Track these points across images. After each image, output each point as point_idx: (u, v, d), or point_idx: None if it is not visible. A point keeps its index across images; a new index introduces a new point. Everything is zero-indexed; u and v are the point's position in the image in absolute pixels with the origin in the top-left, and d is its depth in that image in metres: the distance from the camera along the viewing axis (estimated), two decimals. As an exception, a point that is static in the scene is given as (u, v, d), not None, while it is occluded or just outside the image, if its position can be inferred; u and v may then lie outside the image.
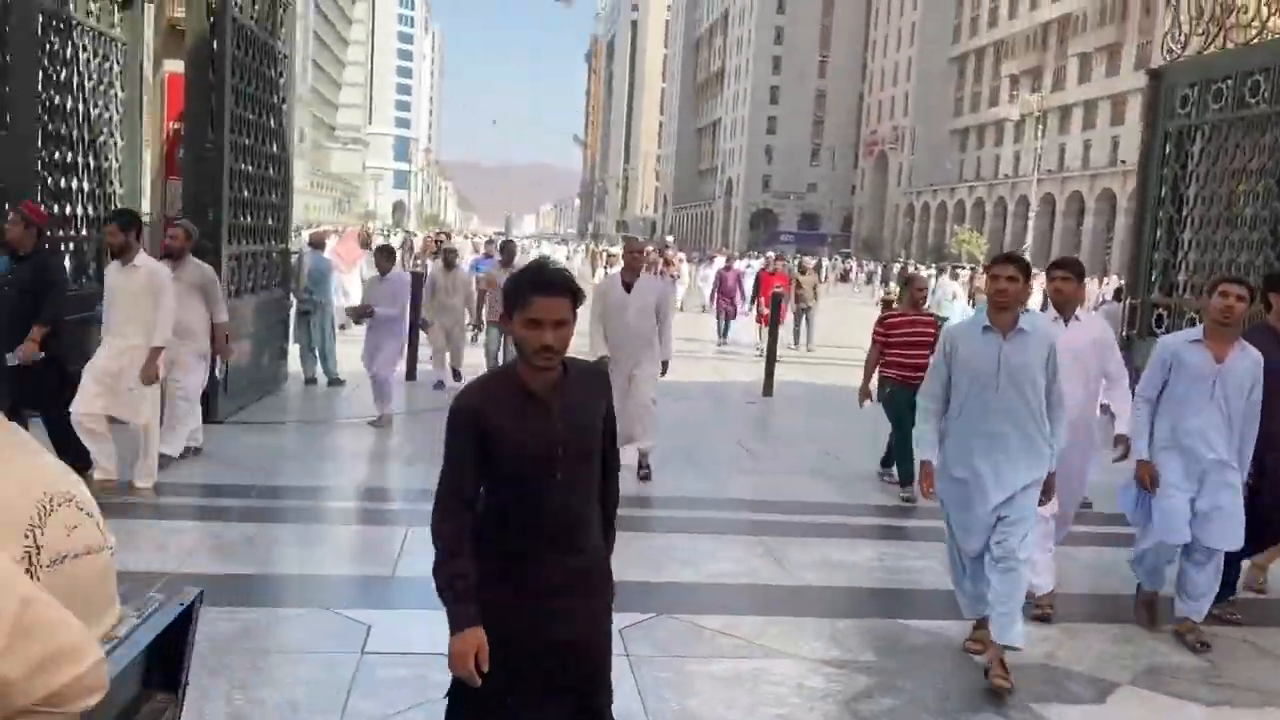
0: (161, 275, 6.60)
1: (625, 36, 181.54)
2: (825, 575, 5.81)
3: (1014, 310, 4.34)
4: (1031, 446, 4.35)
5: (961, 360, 4.41)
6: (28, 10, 8.43)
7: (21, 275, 6.42)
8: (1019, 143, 74.54)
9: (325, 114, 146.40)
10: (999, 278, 4.32)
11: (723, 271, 21.06)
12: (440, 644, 4.44)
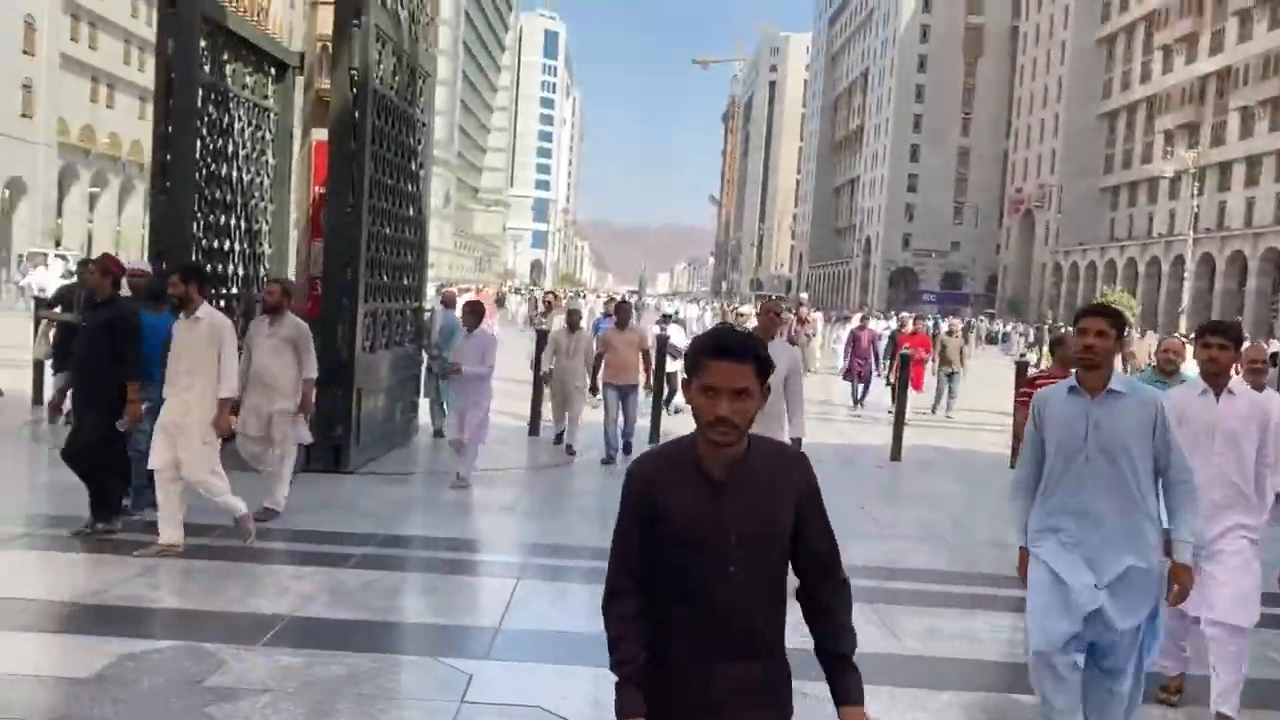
0: (223, 327, 6.64)
1: (763, 97, 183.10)
2: (936, 645, 5.62)
3: (1103, 369, 3.77)
4: (1134, 528, 3.69)
5: (1049, 425, 3.87)
6: (189, 84, 9.10)
7: (98, 319, 6.77)
8: (1174, 200, 71.48)
9: (469, 177, 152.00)
10: (1086, 331, 3.77)
11: (857, 331, 19.47)
12: (536, 696, 4.51)
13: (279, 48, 11.19)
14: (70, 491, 7.13)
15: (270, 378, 7.43)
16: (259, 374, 7.49)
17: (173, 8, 9.03)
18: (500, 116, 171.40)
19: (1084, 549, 3.72)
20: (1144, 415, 3.73)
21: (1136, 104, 79.75)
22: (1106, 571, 3.66)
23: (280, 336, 7.53)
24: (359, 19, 9.23)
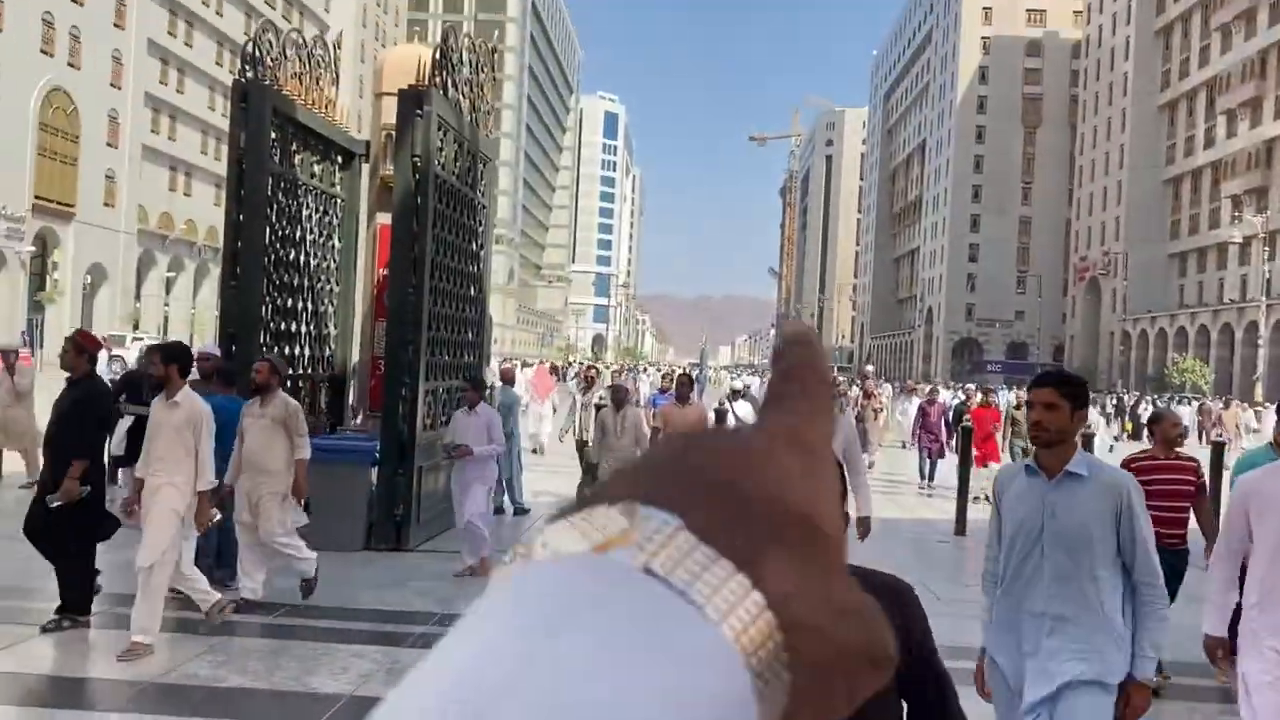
0: (202, 414, 6.28)
1: (820, 170, 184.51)
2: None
3: (1057, 446, 3.23)
4: (1092, 636, 3.17)
5: (1006, 511, 3.40)
6: (259, 173, 9.48)
7: (63, 399, 6.49)
8: (1245, 266, 70.08)
9: (532, 254, 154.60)
10: (1034, 404, 3.25)
11: (925, 405, 18.49)
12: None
13: (346, 137, 11.62)
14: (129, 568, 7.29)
15: (259, 460, 7.15)
16: (248, 457, 7.21)
17: (244, 103, 9.47)
18: (562, 195, 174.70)
19: (1038, 658, 3.23)
20: (1107, 502, 3.22)
21: (1201, 169, 78.78)
22: (1054, 685, 3.18)
23: (270, 417, 7.21)
24: (422, 109, 9.57)
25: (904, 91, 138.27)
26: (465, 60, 11.05)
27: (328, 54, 11.50)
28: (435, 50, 10.14)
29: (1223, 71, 74.81)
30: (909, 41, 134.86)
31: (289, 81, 10.32)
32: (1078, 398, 3.27)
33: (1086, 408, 3.37)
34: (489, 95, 11.80)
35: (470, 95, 11.20)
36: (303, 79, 10.70)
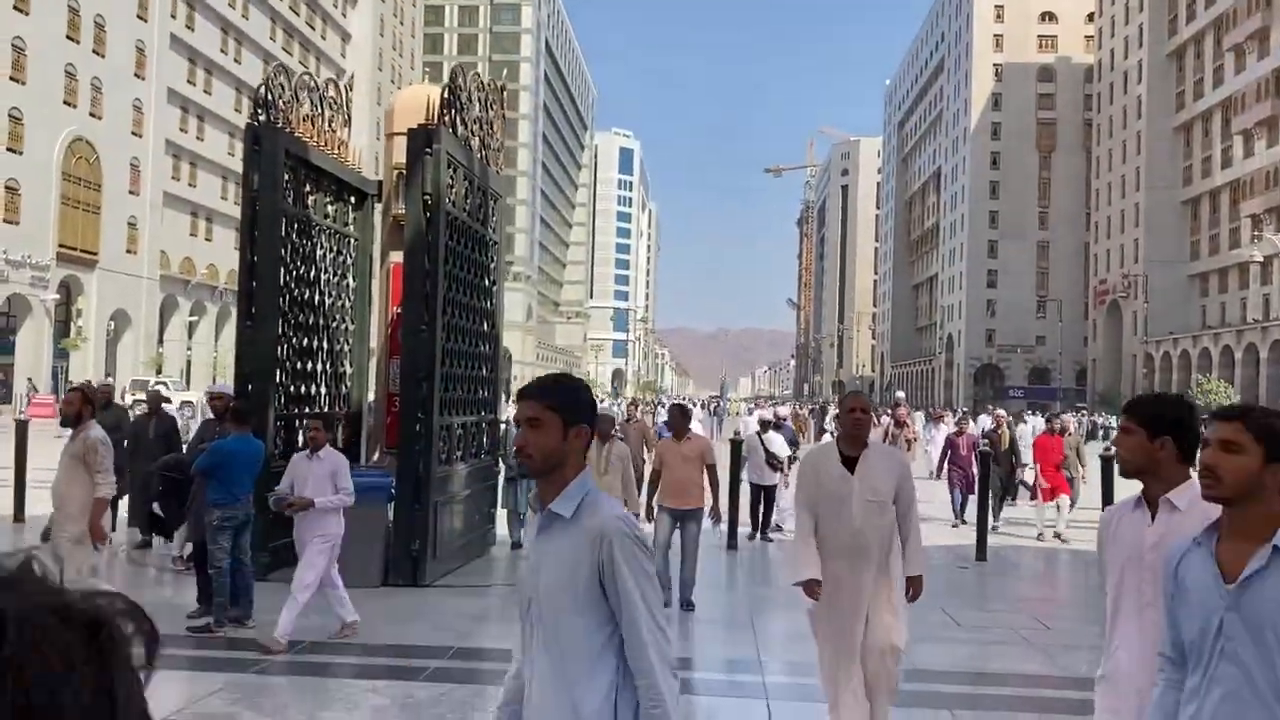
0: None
1: (836, 200, 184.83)
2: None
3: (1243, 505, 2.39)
4: None
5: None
6: (273, 214, 9.62)
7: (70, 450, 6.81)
8: (1268, 285, 69.52)
9: (550, 291, 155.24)
10: (1209, 443, 2.49)
11: (954, 437, 16.56)
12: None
13: (358, 177, 11.78)
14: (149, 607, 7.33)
15: (57, 498, 6.67)
16: (52, 494, 6.80)
17: (257, 145, 9.62)
18: (579, 231, 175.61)
19: None
20: None
21: (1219, 189, 78.40)
22: None
23: (70, 453, 6.63)
24: (431, 147, 9.69)
25: (918, 120, 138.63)
26: (474, 99, 11.19)
27: (339, 96, 11.69)
28: (444, 89, 10.29)
29: (1237, 92, 74.61)
30: (921, 70, 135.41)
31: (301, 124, 10.49)
32: (1274, 441, 2.36)
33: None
34: (499, 132, 11.93)
35: (480, 133, 11.34)
36: (315, 121, 10.87)
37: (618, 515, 2.44)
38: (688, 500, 8.81)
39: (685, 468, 8.82)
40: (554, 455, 2.44)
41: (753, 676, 6.88)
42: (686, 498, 8.80)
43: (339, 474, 7.48)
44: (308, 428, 8.56)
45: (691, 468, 8.85)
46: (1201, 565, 2.40)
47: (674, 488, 8.81)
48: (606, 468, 8.90)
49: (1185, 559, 2.45)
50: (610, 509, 2.47)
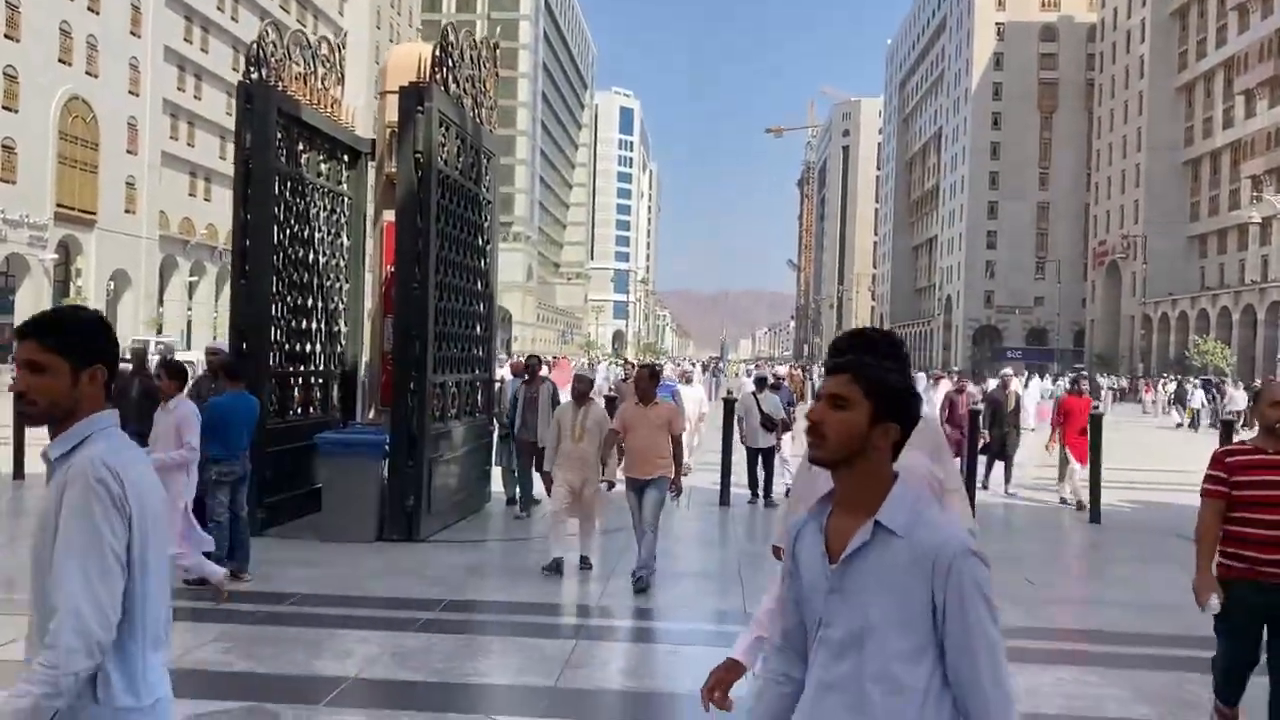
0: None
1: (837, 161, 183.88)
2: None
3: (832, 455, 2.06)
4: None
5: None
6: (265, 173, 9.65)
7: None
8: (1266, 246, 69.38)
9: (550, 252, 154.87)
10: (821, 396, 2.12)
11: (954, 394, 15.99)
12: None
13: (351, 135, 11.78)
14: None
15: None
16: None
17: (249, 104, 9.63)
18: (579, 192, 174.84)
19: None
20: None
21: (1220, 150, 77.99)
22: None
23: None
24: (423, 105, 9.71)
25: (919, 80, 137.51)
26: (467, 56, 11.18)
27: (333, 54, 11.66)
28: (435, 47, 10.27)
29: (1240, 51, 73.97)
30: (923, 29, 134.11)
31: (294, 82, 10.49)
32: (884, 397, 2.08)
33: None
34: (491, 91, 11.92)
35: (472, 91, 11.33)
36: (307, 79, 10.86)
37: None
38: (651, 469, 8.06)
39: (651, 435, 8.06)
40: (62, 403, 2.15)
41: (738, 627, 7.02)
42: (650, 467, 8.05)
43: (184, 426, 7.07)
44: (155, 375, 8.14)
45: (658, 435, 8.07)
46: (812, 542, 2.09)
47: (638, 456, 8.07)
48: (582, 433, 8.37)
49: (801, 534, 2.13)
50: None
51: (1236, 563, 4.40)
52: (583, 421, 8.40)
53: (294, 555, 8.81)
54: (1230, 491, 4.39)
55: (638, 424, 8.07)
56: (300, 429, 10.51)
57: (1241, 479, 4.36)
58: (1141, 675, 6.08)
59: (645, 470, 8.05)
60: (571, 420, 8.43)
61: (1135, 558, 10.19)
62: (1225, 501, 4.41)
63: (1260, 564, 4.32)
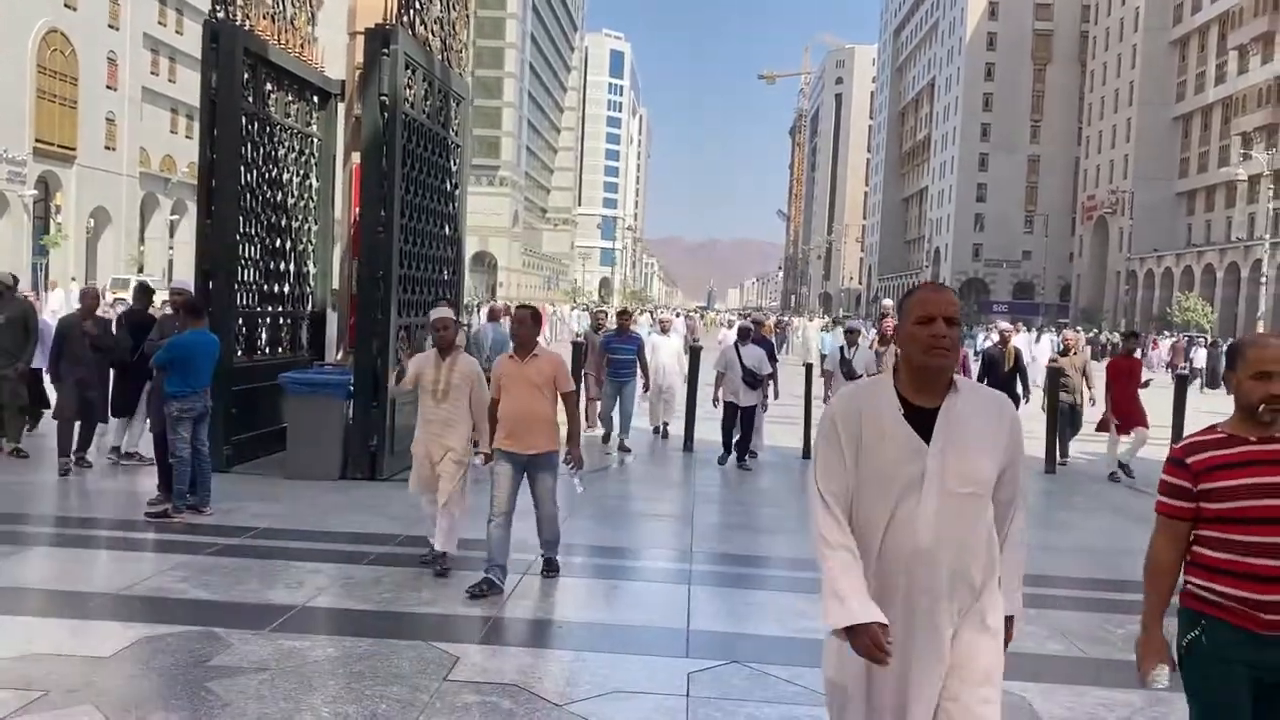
0: None
1: (829, 109, 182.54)
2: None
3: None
4: None
5: None
6: (231, 113, 9.68)
7: None
8: (1253, 204, 69.51)
9: (537, 197, 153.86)
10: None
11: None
12: (515, 676, 4.82)
13: (321, 76, 11.77)
14: (112, 495, 7.65)
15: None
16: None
17: (215, 43, 9.63)
18: (567, 136, 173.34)
19: None
20: None
21: (1211, 106, 77.79)
22: None
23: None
24: (388, 47, 9.72)
25: (914, 28, 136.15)
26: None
27: (303, -7, 11.59)
28: (402, -12, 10.24)
29: (1235, 6, 73.49)
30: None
31: (261, 21, 10.47)
32: None
33: None
34: (461, 33, 11.90)
35: (441, 33, 11.31)
36: (276, 19, 10.83)
37: None
38: (533, 441, 6.35)
39: (530, 396, 6.33)
40: None
41: (686, 566, 7.25)
42: (531, 437, 6.34)
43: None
44: None
45: (538, 397, 6.36)
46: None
47: (514, 423, 6.33)
48: (445, 393, 6.71)
49: None
50: None
51: (1216, 600, 2.83)
52: (447, 377, 6.73)
53: (257, 491, 9.00)
54: (1199, 505, 2.87)
55: (512, 383, 6.35)
56: (269, 368, 10.64)
57: (1219, 485, 2.84)
58: (1064, 615, 6.33)
59: (526, 442, 6.33)
60: (434, 375, 6.76)
61: (1083, 506, 10.47)
62: (1190, 522, 2.90)
63: (1258, 607, 2.77)
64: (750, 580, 7.08)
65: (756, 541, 8.25)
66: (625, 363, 13.12)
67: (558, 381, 6.44)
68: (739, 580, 7.03)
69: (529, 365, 6.35)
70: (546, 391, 6.39)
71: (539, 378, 6.35)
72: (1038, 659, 5.38)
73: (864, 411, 2.65)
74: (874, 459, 2.61)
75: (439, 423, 6.78)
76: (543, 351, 6.49)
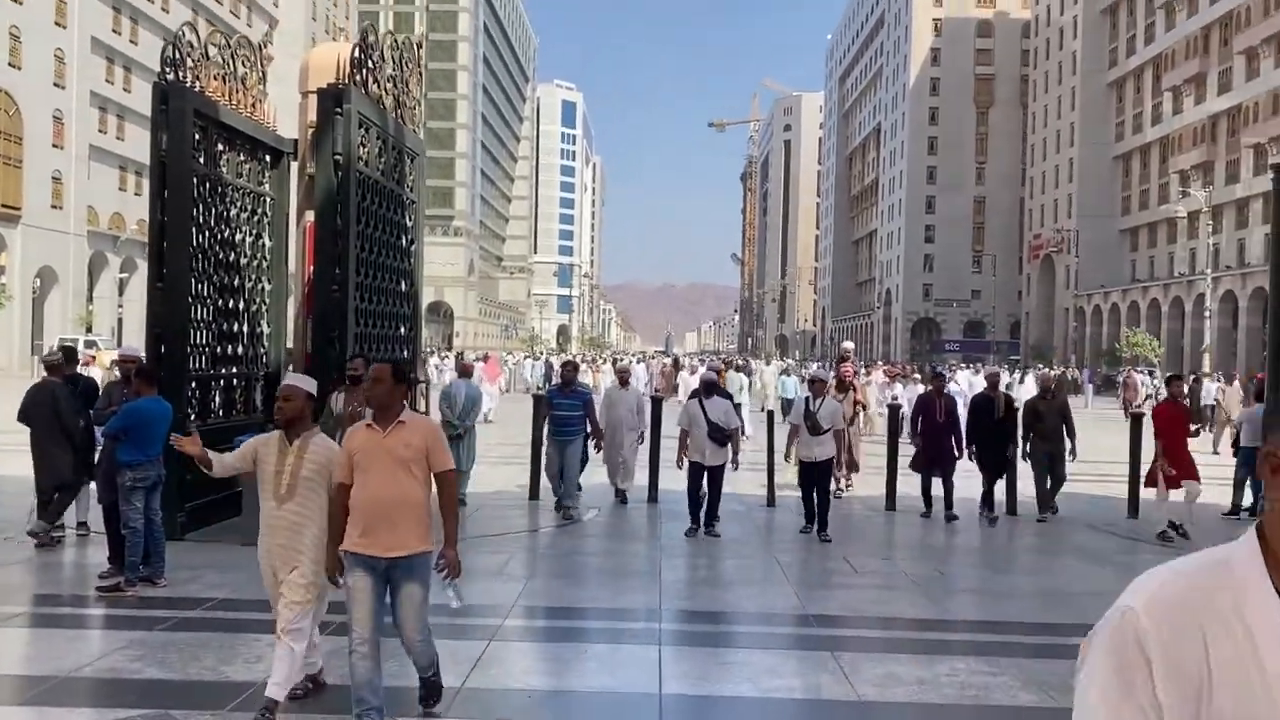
0: None
1: (779, 155, 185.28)
2: (890, 691, 5.73)
3: None
4: None
5: None
6: (182, 175, 9.56)
7: None
8: (1194, 240, 71.28)
9: (493, 246, 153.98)
10: None
11: (930, 396, 12.60)
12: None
13: (273, 135, 11.69)
14: (59, 569, 7.40)
15: None
16: None
17: (164, 105, 9.54)
18: (521, 185, 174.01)
19: None
20: None
21: (1150, 145, 79.96)
22: None
23: None
24: (341, 107, 9.68)
25: (859, 75, 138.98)
26: (387, 56, 11.16)
27: (254, 53, 11.56)
28: (354, 48, 10.25)
29: (1168, 49, 75.88)
30: (862, 25, 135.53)
31: (212, 82, 10.39)
32: None
33: None
34: (414, 90, 11.91)
35: (394, 91, 11.31)
36: (227, 79, 10.77)
37: None
38: (396, 539, 4.70)
39: (392, 478, 4.70)
40: None
41: (653, 625, 7.15)
42: (394, 534, 4.69)
43: None
44: None
45: (403, 479, 4.72)
46: None
47: (371, 516, 4.69)
48: (290, 489, 5.03)
49: None
50: None
51: None
52: (295, 465, 5.03)
53: (214, 559, 8.77)
54: None
55: (369, 461, 4.71)
56: (223, 431, 10.41)
57: None
58: (1035, 664, 6.31)
59: (383, 541, 4.68)
60: (276, 462, 5.06)
61: (1043, 549, 10.52)
62: None
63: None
64: (721, 639, 6.99)
65: (724, 596, 8.18)
66: (569, 419, 11.63)
67: (431, 457, 4.79)
68: (709, 639, 6.94)
69: (392, 436, 4.71)
70: (416, 470, 4.74)
71: (406, 452, 4.70)
72: (1014, 711, 5.34)
73: (1211, 633, 1.26)
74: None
75: (284, 529, 5.06)
76: (411, 418, 4.85)
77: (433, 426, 5.02)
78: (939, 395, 12.42)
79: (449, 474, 4.90)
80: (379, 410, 4.84)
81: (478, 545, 9.74)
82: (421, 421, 4.97)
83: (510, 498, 12.64)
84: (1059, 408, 12.25)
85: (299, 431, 5.10)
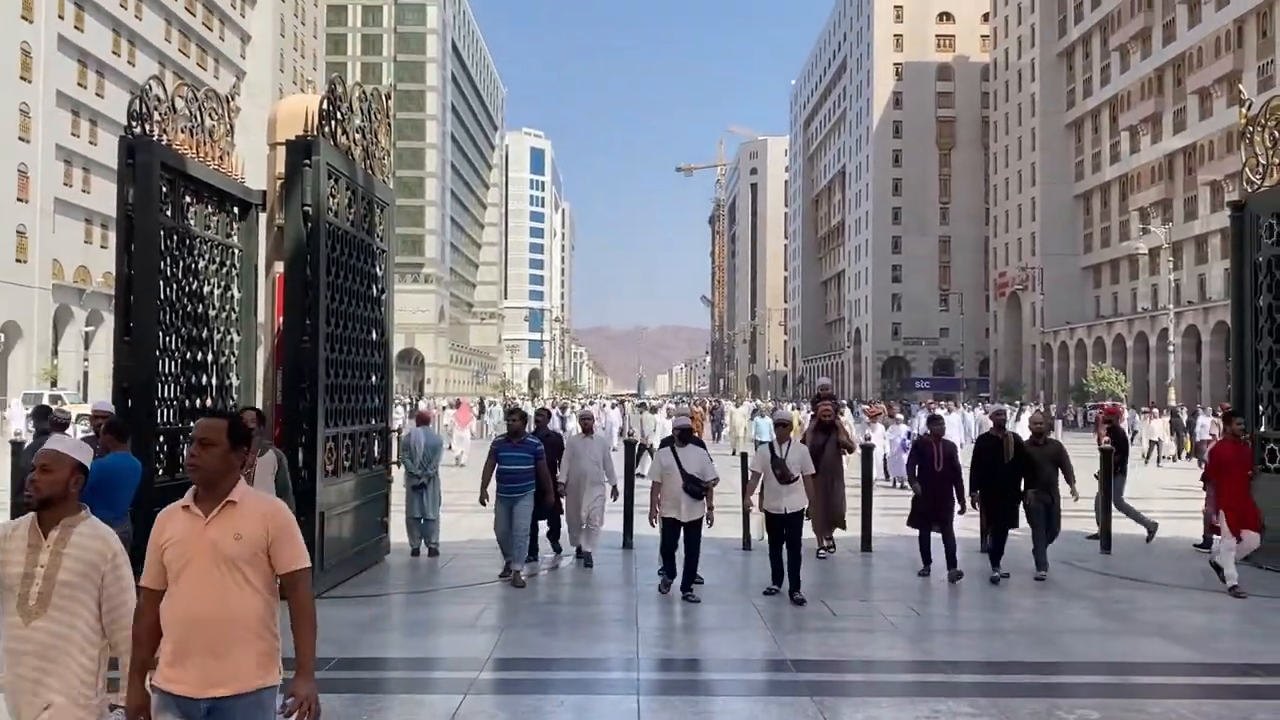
0: None
1: (746, 198, 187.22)
2: (871, 736, 5.70)
3: None
4: None
5: None
6: (148, 229, 9.51)
7: None
8: (1155, 275, 72.50)
9: (463, 292, 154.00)
10: None
11: (925, 439, 11.43)
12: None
13: (241, 188, 11.66)
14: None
15: None
16: None
17: (131, 160, 9.50)
18: (491, 232, 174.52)
19: None
20: None
21: (1109, 184, 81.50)
22: None
23: None
24: (310, 158, 9.69)
25: (823, 119, 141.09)
26: (356, 107, 11.19)
27: (221, 105, 11.56)
28: (323, 100, 10.27)
29: (1123, 89, 77.65)
30: (825, 70, 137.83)
31: (178, 135, 10.37)
32: None
33: None
34: (383, 140, 11.94)
35: (363, 142, 11.34)
36: (194, 132, 10.75)
37: None
38: (222, 671, 3.36)
39: (217, 583, 3.36)
40: None
41: (633, 674, 7.08)
42: (218, 664, 3.36)
43: None
44: None
45: (233, 585, 3.38)
46: None
47: (185, 638, 3.34)
48: (43, 599, 3.54)
49: None
50: None
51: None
52: (50, 563, 3.58)
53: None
54: None
55: (187, 558, 3.37)
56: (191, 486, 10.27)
57: None
58: (1016, 702, 6.29)
59: (206, 674, 3.34)
60: (23, 562, 3.58)
61: (1021, 587, 10.52)
62: None
63: None
64: (700, 686, 6.93)
65: (702, 643, 8.12)
66: (517, 474, 10.49)
67: (275, 553, 3.42)
68: (688, 687, 6.87)
69: (216, 525, 3.37)
70: (250, 573, 3.39)
71: (234, 547, 3.35)
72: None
73: None
74: None
75: (33, 655, 3.52)
76: (247, 497, 3.44)
77: (277, 507, 3.47)
78: (937, 441, 11.04)
79: (302, 573, 3.45)
80: (202, 486, 3.42)
81: (451, 596, 9.63)
82: (262, 502, 3.47)
83: (483, 546, 12.51)
84: (1053, 455, 11.14)
85: (59, 516, 3.61)
